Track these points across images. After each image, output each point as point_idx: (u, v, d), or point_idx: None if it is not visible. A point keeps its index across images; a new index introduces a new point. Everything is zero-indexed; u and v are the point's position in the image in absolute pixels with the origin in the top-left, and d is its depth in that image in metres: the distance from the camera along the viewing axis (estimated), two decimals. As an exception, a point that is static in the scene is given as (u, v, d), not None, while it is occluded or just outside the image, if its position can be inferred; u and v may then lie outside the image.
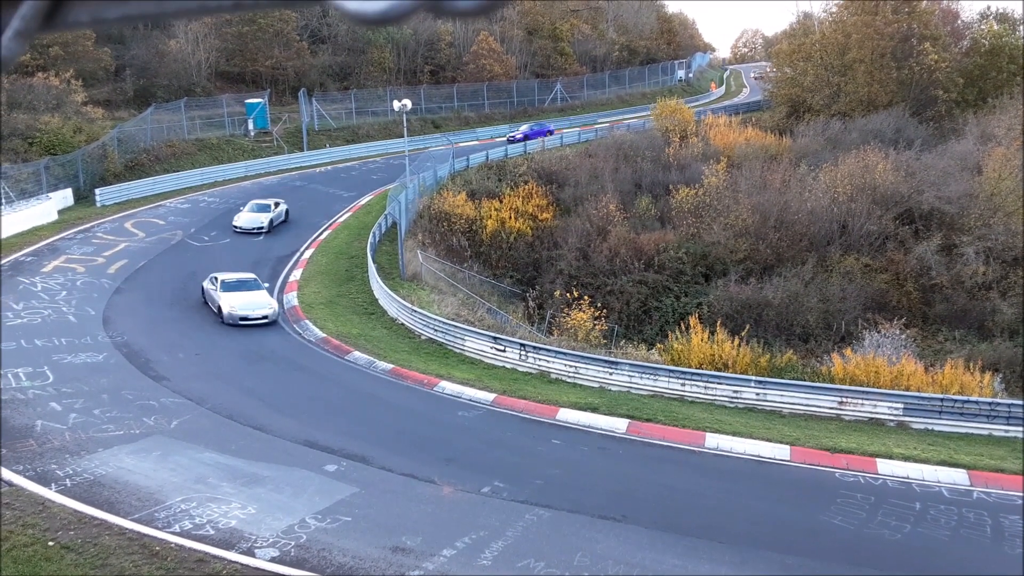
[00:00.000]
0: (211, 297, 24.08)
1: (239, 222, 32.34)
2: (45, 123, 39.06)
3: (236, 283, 24.11)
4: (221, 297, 23.30)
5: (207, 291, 24.53)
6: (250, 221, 32.40)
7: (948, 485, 14.46)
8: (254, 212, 32.87)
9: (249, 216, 32.57)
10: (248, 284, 24.36)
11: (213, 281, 24.36)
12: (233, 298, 23.28)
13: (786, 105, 57.21)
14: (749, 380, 19.55)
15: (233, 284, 23.99)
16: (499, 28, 69.94)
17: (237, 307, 23.06)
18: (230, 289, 23.67)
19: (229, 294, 23.41)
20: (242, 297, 23.44)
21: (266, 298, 24.12)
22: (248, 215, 32.71)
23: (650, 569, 11.33)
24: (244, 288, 23.96)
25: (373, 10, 0.79)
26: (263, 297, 24.08)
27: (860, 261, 32.15)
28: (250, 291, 23.94)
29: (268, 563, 11.09)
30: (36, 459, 13.99)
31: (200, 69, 54.43)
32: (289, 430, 15.99)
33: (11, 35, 0.91)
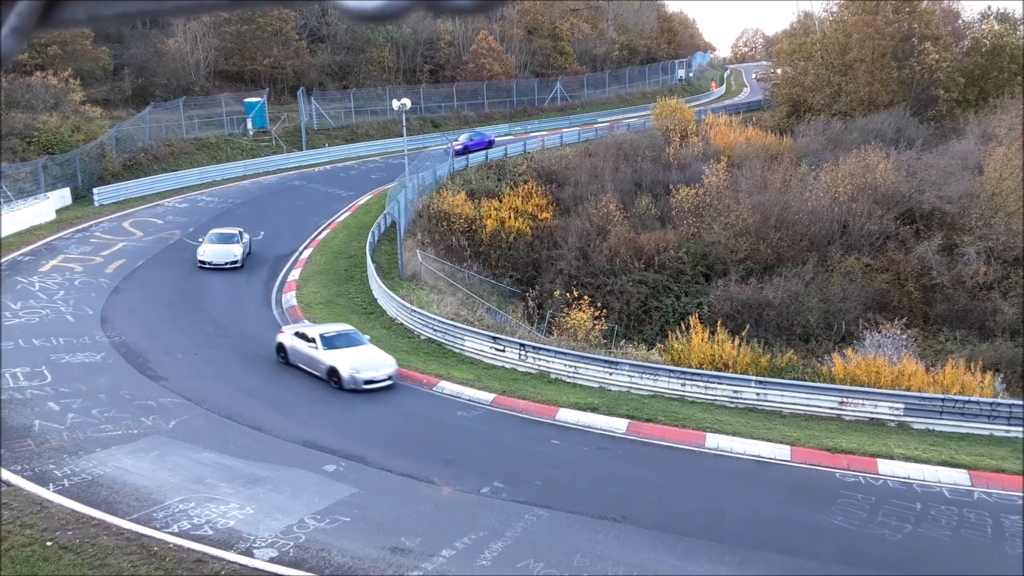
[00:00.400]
0: (304, 356, 19.50)
1: (206, 256, 27.81)
2: (43, 122, 39.00)
3: (339, 338, 19.67)
4: (328, 356, 18.92)
5: (294, 350, 19.79)
6: (220, 255, 27.93)
7: (949, 485, 14.42)
8: (222, 244, 28.41)
9: (218, 249, 28.09)
10: (352, 338, 19.88)
11: (303, 338, 19.71)
12: (347, 357, 18.87)
13: (787, 105, 57.20)
14: (749, 380, 19.51)
15: (337, 339, 19.55)
16: (499, 27, 69.90)
17: (359, 368, 18.65)
18: (335, 345, 19.24)
19: (336, 351, 19.04)
20: (357, 355, 19.06)
21: (383, 355, 19.64)
22: (217, 248, 28.17)
23: (650, 570, 11.28)
24: (350, 343, 19.53)
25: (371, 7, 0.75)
26: (380, 354, 19.64)
27: (861, 261, 32.11)
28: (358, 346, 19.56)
29: (267, 563, 11.04)
30: (34, 459, 13.94)
31: (199, 68, 54.37)
32: (288, 430, 15.94)
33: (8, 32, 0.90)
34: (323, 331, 19.78)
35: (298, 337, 19.80)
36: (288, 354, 19.89)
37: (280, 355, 20.17)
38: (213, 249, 28.16)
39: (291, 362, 19.81)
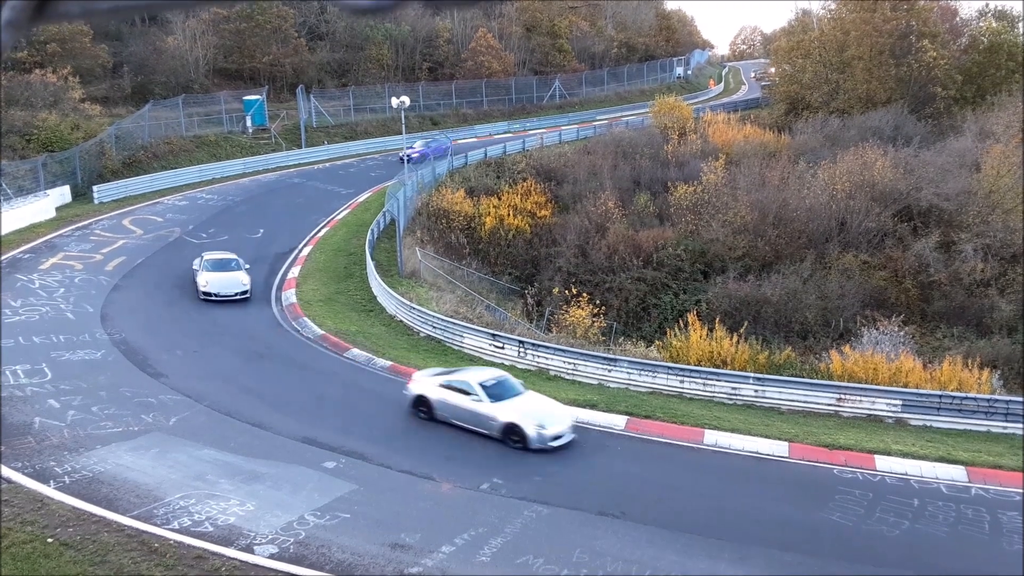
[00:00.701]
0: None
1: (211, 287, 24.75)
2: (43, 120, 38.97)
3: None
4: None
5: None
6: (227, 284, 25.04)
7: (946, 481, 14.48)
8: (224, 271, 25.54)
9: (224, 278, 25.15)
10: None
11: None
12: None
13: (785, 102, 57.23)
14: (748, 377, 19.56)
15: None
16: (497, 25, 69.88)
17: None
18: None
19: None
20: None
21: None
22: (221, 277, 25.19)
23: (649, 566, 11.34)
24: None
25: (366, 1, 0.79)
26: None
27: (858, 258, 32.16)
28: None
29: (267, 560, 11.09)
30: (35, 456, 13.97)
31: (198, 66, 54.33)
32: (288, 427, 15.99)
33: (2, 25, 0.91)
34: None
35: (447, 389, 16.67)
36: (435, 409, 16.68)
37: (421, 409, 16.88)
38: (217, 279, 25.14)
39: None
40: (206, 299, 24.58)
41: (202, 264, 25.80)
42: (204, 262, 25.89)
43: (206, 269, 25.47)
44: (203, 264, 25.76)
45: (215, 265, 25.82)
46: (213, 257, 26.48)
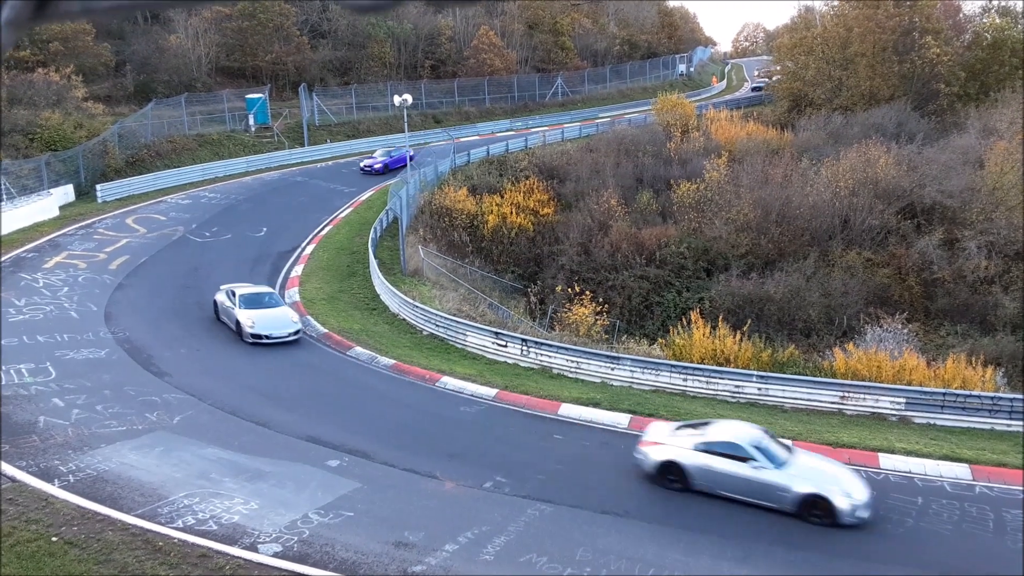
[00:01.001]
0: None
1: (258, 327, 21.22)
2: (46, 119, 39.01)
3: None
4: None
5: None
6: (277, 323, 21.57)
7: (950, 479, 14.46)
8: (268, 308, 22.07)
9: (270, 316, 21.70)
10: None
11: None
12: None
13: (788, 99, 57.13)
14: (751, 375, 19.55)
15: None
16: (500, 22, 69.82)
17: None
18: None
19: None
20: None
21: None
22: (267, 315, 21.69)
23: (652, 564, 11.34)
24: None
25: None
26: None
27: (862, 255, 32.12)
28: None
29: (271, 558, 11.11)
30: (39, 455, 14.01)
31: (200, 64, 54.36)
32: (291, 426, 16.01)
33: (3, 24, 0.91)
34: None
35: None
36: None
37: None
38: (263, 317, 21.45)
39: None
40: (255, 342, 20.89)
41: (237, 300, 21.91)
42: (239, 298, 21.96)
43: (243, 306, 21.69)
44: (238, 300, 21.88)
45: (252, 301, 21.99)
46: (246, 291, 22.55)
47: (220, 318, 22.62)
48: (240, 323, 21.35)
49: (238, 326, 21.44)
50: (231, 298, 22.21)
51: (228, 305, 22.20)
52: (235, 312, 21.64)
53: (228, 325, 22.14)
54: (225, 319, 22.38)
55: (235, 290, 22.50)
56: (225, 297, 22.56)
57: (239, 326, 21.40)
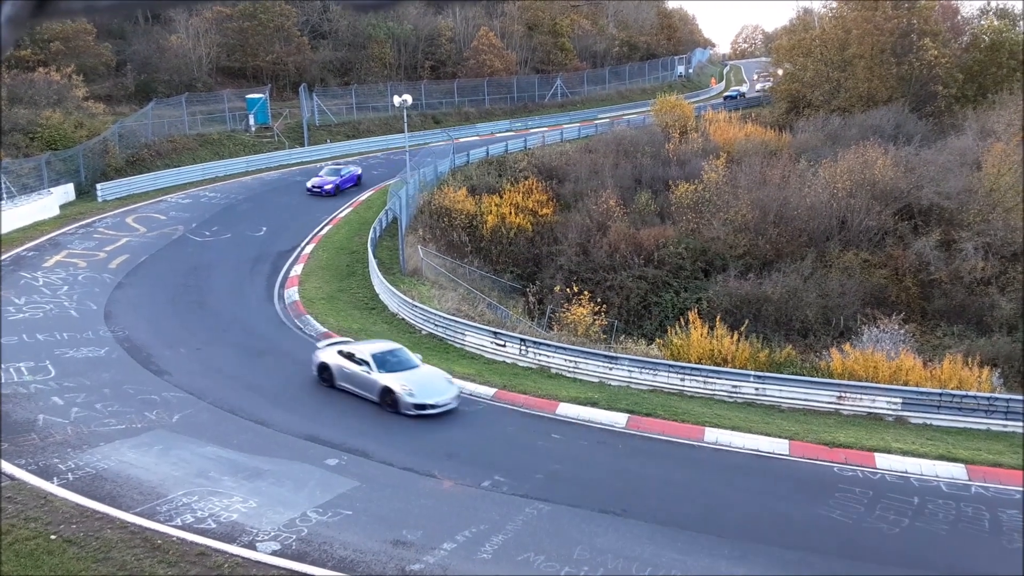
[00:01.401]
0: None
1: (421, 396, 17.10)
2: (46, 118, 39.05)
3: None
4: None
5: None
6: (434, 387, 17.59)
7: (946, 479, 14.51)
8: (410, 368, 17.98)
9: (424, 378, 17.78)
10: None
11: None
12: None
13: (786, 101, 57.22)
14: (748, 375, 19.61)
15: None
16: (499, 23, 69.89)
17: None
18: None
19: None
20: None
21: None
22: (417, 377, 17.72)
23: (649, 563, 11.39)
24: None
25: None
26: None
27: (859, 256, 32.20)
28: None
29: (269, 556, 11.15)
30: (38, 453, 14.04)
31: (201, 64, 54.40)
32: (290, 424, 16.06)
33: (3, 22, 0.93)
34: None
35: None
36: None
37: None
38: (417, 381, 17.49)
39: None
40: (419, 413, 16.86)
41: (371, 363, 17.70)
42: (373, 359, 17.79)
43: (382, 368, 17.60)
44: (373, 362, 17.72)
45: (388, 361, 17.91)
46: (376, 350, 18.30)
47: (339, 385, 18.06)
48: (390, 391, 17.06)
49: (385, 395, 17.17)
50: (356, 360, 17.93)
51: (354, 370, 17.81)
52: (375, 377, 17.41)
53: (356, 394, 17.69)
54: (350, 386, 17.86)
55: (359, 350, 18.20)
56: (343, 359, 18.16)
57: (387, 395, 17.13)
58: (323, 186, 39.00)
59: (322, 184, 39.12)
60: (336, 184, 39.40)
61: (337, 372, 18.19)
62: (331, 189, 38.99)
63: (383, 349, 18.50)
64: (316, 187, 39.06)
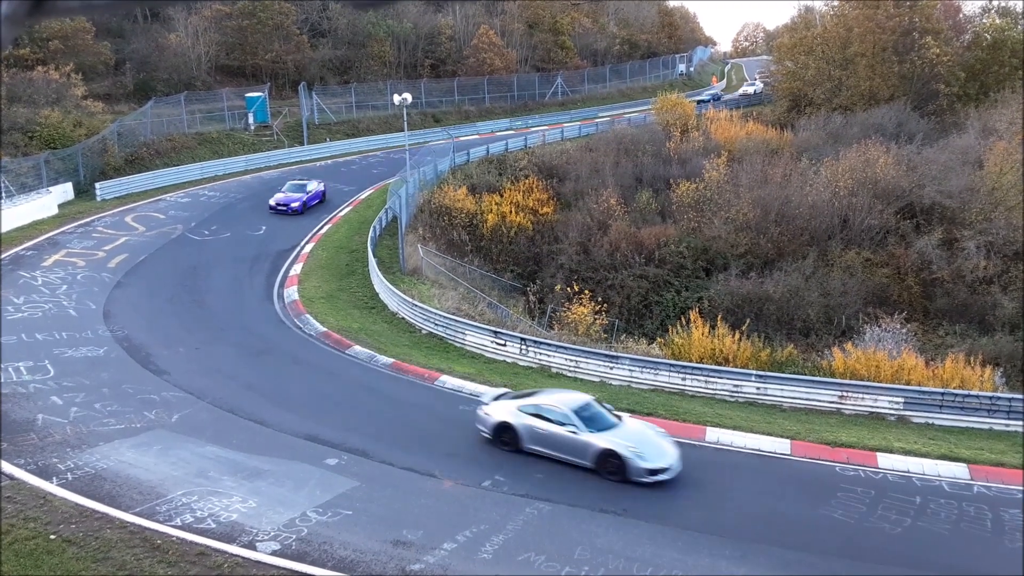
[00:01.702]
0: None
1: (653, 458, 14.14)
2: (45, 117, 39.01)
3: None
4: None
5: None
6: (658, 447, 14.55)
7: (948, 479, 14.46)
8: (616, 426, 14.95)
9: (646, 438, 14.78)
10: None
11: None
12: None
13: (787, 99, 57.15)
14: (750, 374, 19.56)
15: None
16: (500, 22, 69.80)
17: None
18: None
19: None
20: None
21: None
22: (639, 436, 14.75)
23: (650, 563, 11.34)
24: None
25: None
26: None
27: (861, 255, 32.14)
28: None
29: (269, 556, 11.11)
30: (37, 453, 14.00)
31: (200, 63, 54.34)
32: (290, 424, 16.01)
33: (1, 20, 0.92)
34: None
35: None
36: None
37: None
38: (641, 441, 14.53)
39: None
40: (653, 479, 13.92)
41: (576, 421, 14.58)
42: (577, 417, 14.66)
43: (590, 427, 14.53)
44: (579, 421, 14.57)
45: (594, 418, 14.84)
46: (574, 403, 15.16)
47: (529, 448, 14.90)
48: (614, 455, 14.06)
49: (604, 460, 14.12)
50: (550, 418, 14.85)
51: (552, 430, 14.74)
52: (586, 439, 14.34)
53: (555, 458, 14.62)
54: (546, 450, 14.77)
55: (548, 405, 15.14)
56: (530, 418, 15.02)
57: (609, 459, 14.09)
58: (288, 203, 35.17)
59: (287, 202, 35.26)
60: (303, 201, 35.57)
61: (526, 434, 14.89)
62: (298, 207, 35.18)
63: (579, 403, 15.23)
64: (281, 205, 35.08)
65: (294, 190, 36.23)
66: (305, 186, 36.59)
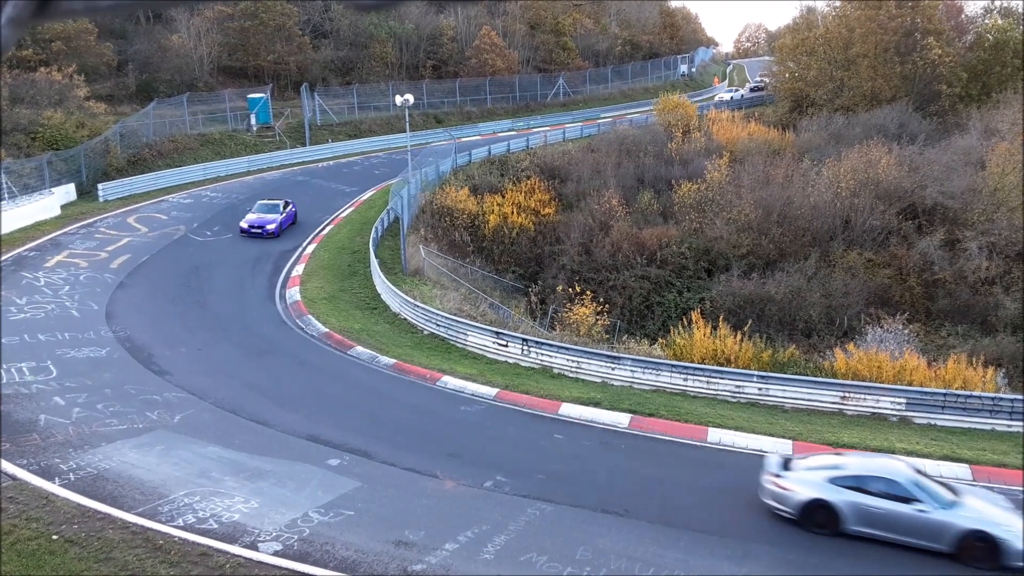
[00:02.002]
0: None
1: None
2: (47, 118, 39.05)
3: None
4: None
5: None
6: None
7: (950, 480, 14.45)
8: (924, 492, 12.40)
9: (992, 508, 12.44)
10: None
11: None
12: None
13: (789, 100, 57.13)
14: (751, 375, 19.55)
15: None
16: (501, 22, 69.82)
17: None
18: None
19: None
20: None
21: None
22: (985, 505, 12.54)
23: (652, 564, 11.35)
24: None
25: None
26: None
27: (863, 256, 32.11)
28: None
29: (271, 557, 11.13)
30: (40, 453, 14.03)
31: (202, 64, 54.40)
32: (292, 425, 16.03)
33: (5, 22, 0.92)
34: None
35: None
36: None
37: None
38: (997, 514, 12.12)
39: None
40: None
41: (925, 495, 12.13)
42: (913, 486, 12.24)
43: (939, 503, 12.08)
44: (912, 493, 12.13)
45: (926, 486, 12.38)
46: (904, 472, 12.57)
47: (850, 529, 12.24)
48: (985, 536, 11.63)
49: (970, 542, 11.68)
50: (886, 492, 12.18)
51: (887, 508, 12.09)
52: (940, 518, 11.86)
53: (892, 541, 12.04)
54: (878, 531, 12.12)
55: (886, 474, 12.40)
56: (853, 492, 12.32)
57: (976, 542, 11.64)
58: (264, 225, 31.87)
59: (262, 223, 31.95)
60: (279, 223, 32.27)
61: (851, 513, 12.17)
62: (274, 229, 31.93)
63: (908, 472, 12.55)
64: (255, 227, 31.83)
65: (267, 210, 32.93)
66: (277, 206, 33.51)
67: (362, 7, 0.85)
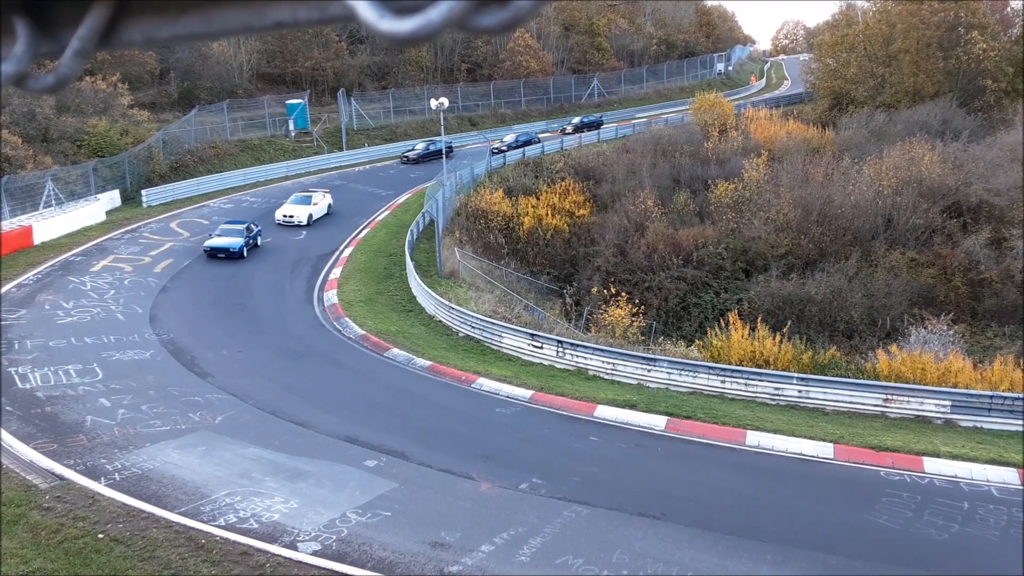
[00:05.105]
0: None
1: None
2: (93, 126, 40.03)
3: None
4: None
5: None
6: None
7: (997, 484, 14.10)
8: None
9: None
10: None
11: None
12: None
13: (829, 97, 56.25)
14: (791, 377, 19.28)
15: None
16: (535, 24, 69.74)
17: None
18: None
19: None
20: None
21: None
22: None
23: (689, 567, 11.25)
24: None
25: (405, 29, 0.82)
26: None
27: (906, 255, 31.48)
28: None
29: (310, 556, 11.27)
30: (86, 454, 14.37)
31: (242, 71, 55.28)
32: (330, 426, 16.20)
33: (70, 55, 0.97)
34: None
35: None
36: None
37: None
38: None
39: None
40: None
41: None
42: None
43: None
44: None
45: None
46: None
47: None
48: None
49: None
50: None
51: None
52: None
53: None
54: None
55: None
56: None
57: None
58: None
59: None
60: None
61: None
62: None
63: None
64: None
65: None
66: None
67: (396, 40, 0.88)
